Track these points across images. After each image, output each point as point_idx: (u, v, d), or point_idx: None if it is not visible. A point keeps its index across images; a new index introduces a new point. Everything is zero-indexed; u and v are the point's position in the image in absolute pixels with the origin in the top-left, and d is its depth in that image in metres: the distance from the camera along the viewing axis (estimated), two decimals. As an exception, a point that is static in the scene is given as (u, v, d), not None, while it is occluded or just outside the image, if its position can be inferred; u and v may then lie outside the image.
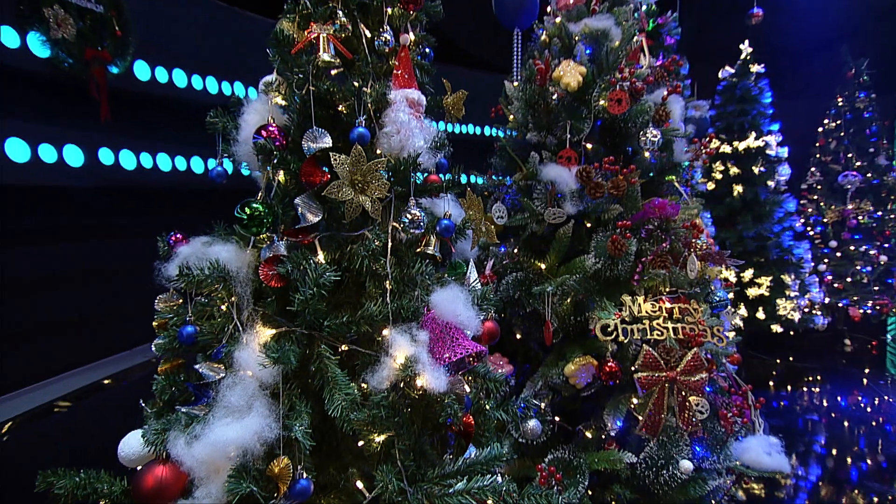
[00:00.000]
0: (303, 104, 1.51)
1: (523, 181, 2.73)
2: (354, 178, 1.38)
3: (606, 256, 2.46)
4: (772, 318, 6.12)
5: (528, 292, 2.56)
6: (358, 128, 1.42)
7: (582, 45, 2.63)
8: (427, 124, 1.57)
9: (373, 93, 1.47)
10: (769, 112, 6.53)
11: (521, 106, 2.80)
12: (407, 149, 1.47)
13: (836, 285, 7.49)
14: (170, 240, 1.51)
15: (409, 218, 1.42)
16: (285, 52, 1.61)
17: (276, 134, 1.47)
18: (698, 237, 2.45)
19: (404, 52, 1.59)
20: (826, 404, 5.77)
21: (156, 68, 3.82)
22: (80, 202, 3.49)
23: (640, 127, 2.63)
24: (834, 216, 7.73)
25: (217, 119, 1.59)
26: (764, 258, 6.31)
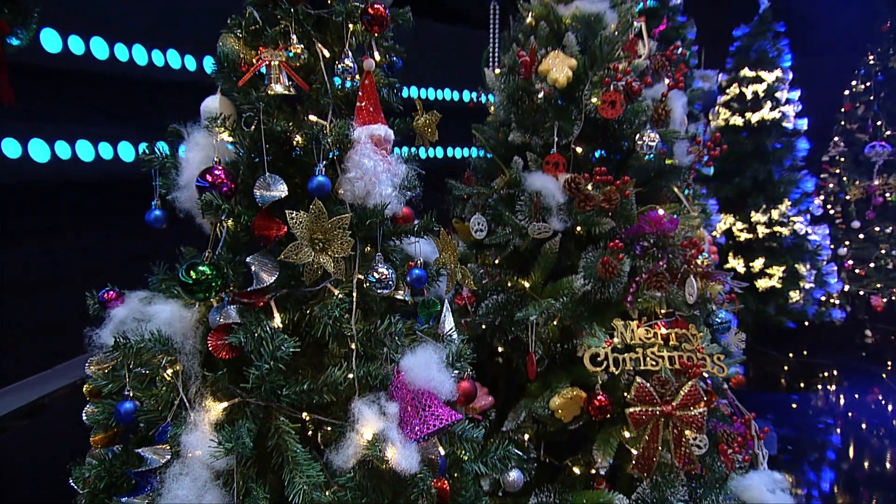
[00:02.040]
0: (253, 142, 1.56)
1: (505, 189, 2.81)
2: (314, 237, 1.45)
3: (596, 278, 2.58)
4: (783, 313, 6.39)
5: (510, 317, 2.68)
6: (317, 177, 1.49)
7: (572, 35, 2.68)
8: (396, 162, 1.64)
9: (333, 133, 1.52)
10: (788, 77, 6.67)
11: (504, 100, 2.87)
12: (373, 196, 1.54)
13: (858, 271, 7.80)
14: (101, 298, 1.57)
15: (377, 277, 1.50)
16: (229, 76, 1.65)
17: (224, 178, 1.52)
18: (697, 256, 2.58)
19: (368, 79, 1.64)
20: (843, 404, 6.08)
21: (69, 38, 3.74)
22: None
23: (637, 128, 2.72)
24: (858, 193, 7.98)
25: (153, 156, 1.63)
26: (776, 245, 6.54)
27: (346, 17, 1.58)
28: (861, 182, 8.04)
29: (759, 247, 6.60)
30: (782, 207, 6.41)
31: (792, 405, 5.95)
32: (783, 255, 6.49)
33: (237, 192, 1.58)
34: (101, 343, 1.48)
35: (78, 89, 3.84)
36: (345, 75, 1.60)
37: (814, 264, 6.54)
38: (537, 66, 2.74)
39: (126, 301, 1.58)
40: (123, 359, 1.41)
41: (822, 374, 6.78)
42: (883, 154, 7.74)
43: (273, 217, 1.52)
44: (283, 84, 1.54)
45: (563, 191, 2.67)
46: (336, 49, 1.73)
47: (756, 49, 6.67)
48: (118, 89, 3.99)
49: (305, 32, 1.61)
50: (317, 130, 1.48)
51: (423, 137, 1.90)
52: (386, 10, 1.59)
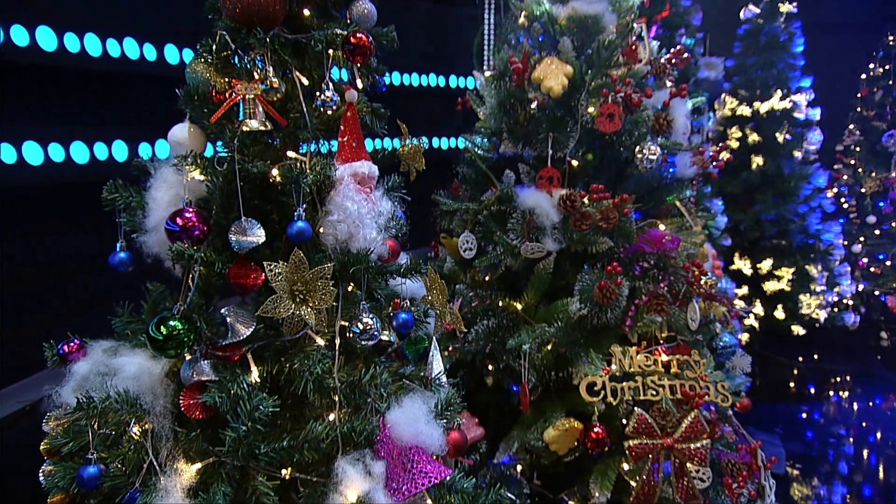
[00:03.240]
0: (227, 182, 1.60)
1: (496, 206, 2.86)
2: (295, 289, 1.49)
3: (593, 303, 2.64)
4: (793, 318, 6.53)
5: (501, 344, 2.74)
6: (296, 223, 1.53)
7: (568, 39, 2.73)
8: (380, 199, 1.68)
9: (314, 173, 1.56)
10: (800, 64, 6.76)
11: (494, 109, 2.91)
12: (357, 239, 1.59)
13: (873, 269, 7.97)
14: (61, 351, 1.60)
15: (361, 327, 1.55)
16: (199, 105, 1.68)
17: (195, 221, 1.56)
18: (700, 279, 2.65)
19: (351, 111, 1.68)
20: (856, 414, 6.22)
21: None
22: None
23: (637, 140, 2.78)
24: (874, 186, 8.13)
25: (116, 194, 1.66)
26: (786, 245, 6.67)
27: (325, 46, 1.61)
28: (878, 174, 8.17)
29: (766, 246, 6.72)
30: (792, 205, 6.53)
31: (801, 415, 6.08)
32: (793, 256, 6.61)
33: (210, 233, 1.62)
34: (62, 402, 1.51)
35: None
36: (325, 108, 1.63)
37: (826, 265, 6.67)
38: (530, 72, 2.78)
39: (88, 353, 1.61)
40: (87, 419, 1.45)
41: (833, 381, 6.92)
42: (902, 143, 7.88)
43: (249, 264, 1.56)
44: (259, 119, 1.58)
45: (558, 208, 2.72)
46: (315, 75, 1.77)
47: (766, 32, 6.74)
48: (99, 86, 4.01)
49: (282, 60, 1.64)
50: (296, 173, 1.52)
51: (410, 167, 1.94)
52: (369, 38, 1.62)
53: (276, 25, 1.68)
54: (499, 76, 2.94)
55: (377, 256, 1.64)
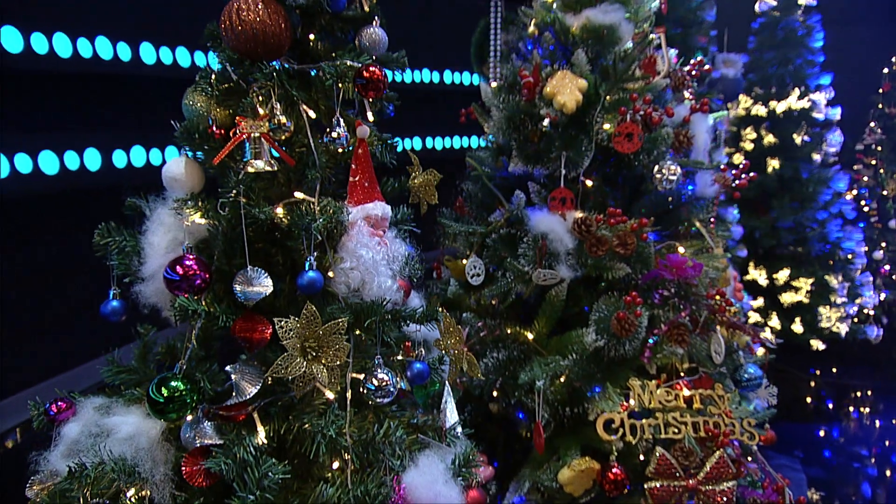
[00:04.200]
0: (231, 227, 1.60)
1: (505, 229, 2.87)
2: (306, 345, 1.49)
3: (611, 335, 2.66)
4: (811, 331, 6.59)
5: (513, 378, 2.75)
6: (307, 272, 1.53)
7: (582, 52, 2.74)
8: (393, 242, 1.69)
9: (324, 216, 1.57)
10: (819, 60, 6.81)
11: (503, 124, 2.92)
12: (370, 287, 1.59)
13: (895, 277, 8.05)
14: (49, 411, 1.59)
15: (376, 384, 1.56)
16: (198, 140, 1.68)
17: (197, 269, 1.56)
18: (725, 310, 2.68)
19: (362, 148, 1.68)
20: (878, 433, 6.28)
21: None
22: None
23: (655, 159, 2.80)
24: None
25: (109, 238, 1.66)
26: (804, 253, 6.72)
27: (336, 80, 1.62)
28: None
29: (783, 255, 6.77)
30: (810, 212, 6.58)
31: (821, 436, 6.13)
32: (811, 265, 6.66)
33: (211, 280, 1.62)
34: (51, 470, 1.50)
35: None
36: (336, 145, 1.64)
37: (846, 275, 6.73)
38: (542, 86, 2.79)
39: (78, 411, 1.60)
40: (79, 489, 1.45)
41: (854, 396, 6.99)
42: (927, 142, 7.95)
43: (256, 316, 1.57)
44: (265, 160, 1.58)
45: (573, 233, 2.74)
46: (322, 106, 1.77)
47: (783, 26, 6.79)
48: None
49: (288, 94, 1.64)
50: (307, 220, 1.52)
51: (422, 200, 1.95)
52: (383, 72, 1.63)
53: (282, 55, 1.69)
54: (507, 89, 2.96)
55: (392, 305, 1.65)
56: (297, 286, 1.55)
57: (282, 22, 1.64)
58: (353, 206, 1.65)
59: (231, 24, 1.60)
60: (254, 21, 1.59)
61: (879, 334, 6.94)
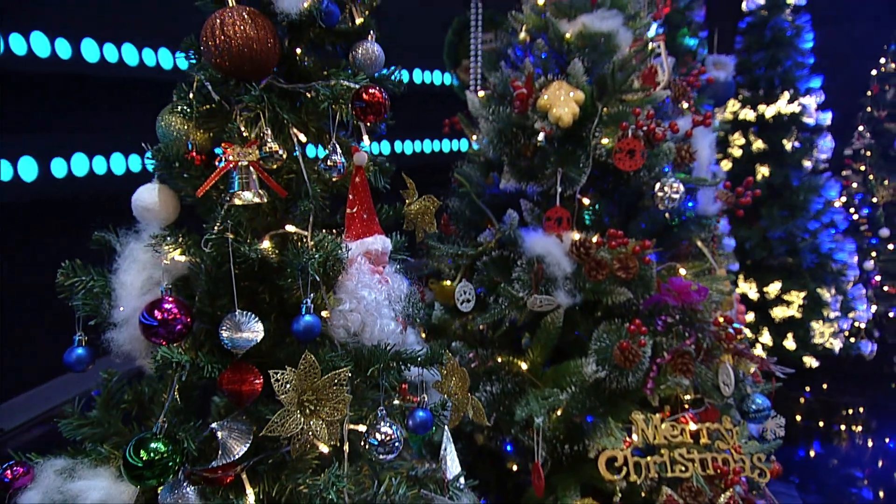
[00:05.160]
0: (216, 266, 1.55)
1: (496, 250, 2.85)
2: (304, 398, 1.45)
3: (613, 366, 2.66)
4: (804, 348, 6.70)
5: (508, 414, 2.73)
6: (303, 317, 1.49)
7: (578, 61, 2.74)
8: (394, 279, 1.66)
9: (321, 253, 1.53)
10: (808, 62, 6.95)
11: (493, 137, 2.91)
12: (371, 330, 1.56)
13: (887, 288, 8.25)
14: (4, 478, 1.51)
15: (379, 439, 1.52)
16: (174, 166, 1.63)
17: (178, 313, 1.50)
18: (733, 339, 2.69)
19: (360, 176, 1.65)
20: (871, 453, 6.40)
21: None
22: None
23: (657, 176, 2.81)
24: (887, 195, 8.41)
25: (75, 278, 1.59)
26: (795, 265, 6.84)
27: (332, 102, 1.58)
28: (891, 182, 8.45)
29: (774, 267, 6.88)
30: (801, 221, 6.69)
31: (815, 458, 6.23)
32: (803, 278, 6.78)
33: (193, 324, 1.56)
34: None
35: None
36: (331, 173, 1.60)
37: (839, 288, 6.86)
38: (535, 98, 2.79)
39: (38, 477, 1.53)
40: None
41: (846, 414, 7.13)
42: (917, 148, 8.16)
43: (244, 365, 1.52)
44: (254, 191, 1.54)
45: (571, 256, 2.74)
46: (313, 129, 1.73)
47: (771, 26, 6.91)
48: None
49: (279, 117, 1.60)
50: (304, 259, 1.48)
51: (418, 228, 1.92)
52: (384, 94, 1.60)
53: (270, 73, 1.64)
54: (497, 99, 2.94)
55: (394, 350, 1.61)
56: (292, 331, 1.51)
57: (270, 37, 1.59)
58: (351, 240, 1.62)
59: (214, 40, 1.55)
60: (240, 36, 1.54)
61: (873, 350, 7.09)
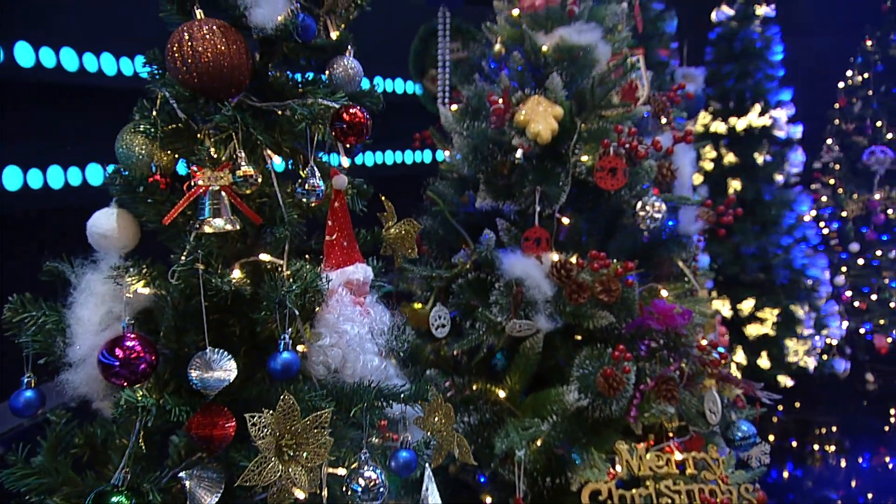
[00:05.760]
0: (184, 299, 1.49)
1: (473, 272, 2.83)
2: (283, 443, 1.40)
3: (596, 394, 2.65)
4: (778, 366, 6.80)
5: (487, 446, 2.70)
6: (280, 354, 1.44)
7: (557, 76, 2.74)
8: (376, 310, 1.62)
9: (299, 284, 1.48)
10: (779, 74, 7.10)
11: (467, 153, 2.89)
12: (352, 366, 1.51)
13: (858, 304, 8.42)
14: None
15: (363, 485, 1.47)
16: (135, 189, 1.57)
17: (141, 351, 1.44)
18: (720, 364, 2.71)
19: (339, 200, 1.61)
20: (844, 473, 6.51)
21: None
22: None
23: (638, 195, 2.82)
24: (856, 209, 8.61)
25: (24, 314, 1.52)
26: (768, 282, 6.95)
27: (310, 123, 1.54)
28: (860, 195, 8.65)
29: (747, 284, 6.98)
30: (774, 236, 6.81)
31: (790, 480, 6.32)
32: (776, 295, 6.89)
33: (158, 362, 1.50)
34: None
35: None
36: (309, 197, 1.56)
37: (812, 304, 6.99)
38: (513, 113, 2.78)
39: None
40: None
41: (818, 433, 7.25)
42: (885, 161, 8.32)
43: (215, 407, 1.46)
44: (226, 217, 1.48)
45: (551, 278, 2.72)
46: (287, 149, 1.69)
47: (741, 37, 7.05)
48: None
49: (252, 138, 1.55)
50: (282, 292, 1.43)
51: (397, 253, 1.89)
52: (365, 115, 1.56)
53: (243, 90, 1.60)
54: (472, 114, 2.93)
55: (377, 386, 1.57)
56: (268, 369, 1.46)
57: (242, 52, 1.55)
58: (331, 269, 1.57)
59: (182, 55, 1.50)
60: (210, 51, 1.50)
61: (847, 368, 7.23)
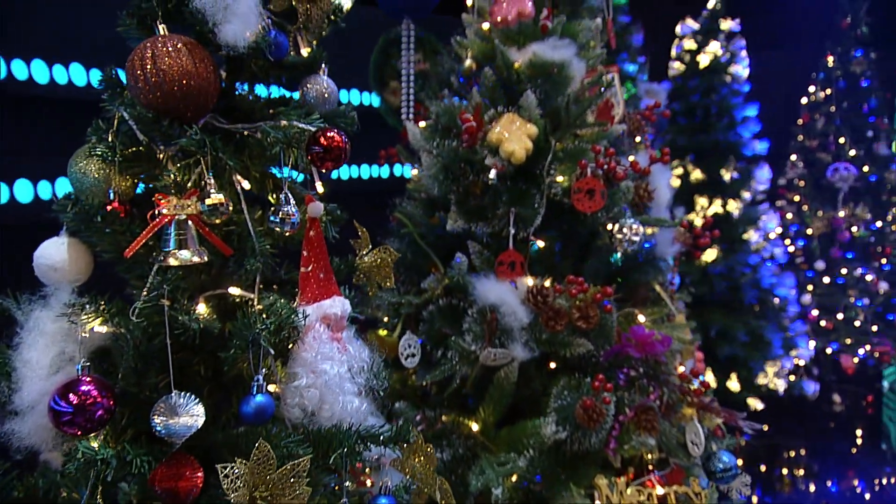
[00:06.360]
0: (146, 338, 1.43)
1: (444, 298, 2.79)
2: (257, 494, 1.34)
3: (575, 426, 2.63)
4: (748, 389, 6.89)
5: (462, 485, 2.65)
6: (254, 397, 1.38)
7: (531, 94, 2.73)
8: (354, 346, 1.57)
9: (273, 320, 1.43)
10: (744, 89, 7.24)
11: (437, 173, 2.85)
12: (332, 409, 1.46)
13: (824, 323, 8.58)
14: None
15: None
16: (96, 223, 1.50)
17: (98, 396, 1.36)
18: (702, 394, 2.71)
19: (315, 229, 1.56)
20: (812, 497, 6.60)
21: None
22: None
23: (615, 216, 2.82)
24: (821, 226, 8.80)
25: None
26: (737, 302, 7.04)
27: (284, 146, 1.49)
28: (824, 212, 8.83)
29: (715, 303, 7.06)
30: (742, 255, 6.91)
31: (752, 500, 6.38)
32: (745, 314, 6.98)
33: (116, 407, 1.43)
34: None
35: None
36: (283, 227, 1.51)
37: (780, 324, 7.11)
38: (485, 132, 2.76)
39: None
40: None
41: (786, 457, 7.35)
42: (848, 178, 8.52)
43: (181, 456, 1.40)
44: (193, 248, 1.43)
45: (527, 304, 2.70)
46: (256, 174, 1.64)
47: (706, 52, 7.19)
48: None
49: (221, 163, 1.50)
50: (255, 330, 1.37)
51: (372, 283, 1.84)
52: (344, 139, 1.52)
53: (209, 111, 1.54)
54: (442, 132, 2.90)
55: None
56: (240, 414, 1.40)
57: (210, 71, 1.50)
58: (307, 304, 1.52)
59: (145, 74, 1.44)
60: (176, 70, 1.44)
61: (817, 390, 7.35)
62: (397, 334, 2.98)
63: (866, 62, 8.49)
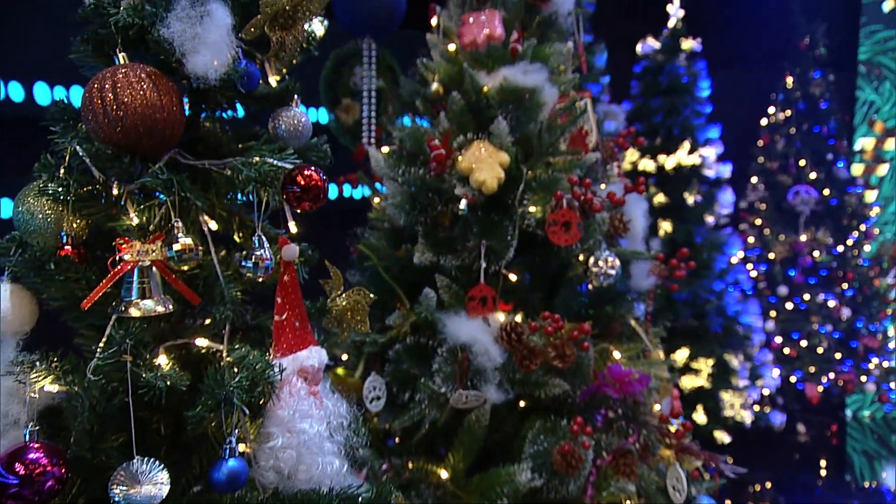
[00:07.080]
0: (105, 398, 1.36)
1: (411, 336, 2.76)
2: (231, 571, 1.28)
3: (552, 472, 2.60)
4: (715, 421, 6.96)
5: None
6: (226, 462, 1.32)
7: (503, 120, 2.73)
8: (331, 401, 1.53)
9: (245, 376, 1.37)
10: (706, 110, 7.38)
11: (402, 202, 2.82)
12: (309, 471, 1.41)
13: (788, 351, 8.74)
14: None
15: None
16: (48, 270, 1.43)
17: (47, 465, 1.29)
18: (683, 436, 2.71)
19: (289, 274, 1.51)
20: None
21: None
22: None
23: (590, 249, 2.83)
24: (783, 250, 8.98)
25: None
26: (702, 330, 7.13)
27: (257, 186, 1.44)
28: (786, 236, 9.02)
29: (680, 332, 7.13)
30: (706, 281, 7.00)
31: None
32: (710, 343, 7.06)
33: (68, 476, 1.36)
34: None
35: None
36: (256, 272, 1.46)
37: (746, 353, 7.21)
38: (454, 159, 2.74)
39: None
40: None
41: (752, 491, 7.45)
42: (809, 202, 8.74)
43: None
44: (157, 298, 1.37)
45: (500, 342, 2.67)
46: (223, 213, 1.59)
47: (667, 72, 7.29)
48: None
49: (188, 203, 1.44)
50: (228, 387, 1.32)
51: (345, 327, 1.80)
52: (321, 176, 1.48)
53: (174, 147, 1.49)
54: (408, 159, 2.87)
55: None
56: (210, 481, 1.34)
57: (176, 104, 1.45)
58: (282, 355, 1.47)
59: (104, 107, 1.38)
60: (139, 104, 1.38)
61: (783, 421, 7.46)
62: (359, 374, 2.93)
63: (825, 83, 8.72)
